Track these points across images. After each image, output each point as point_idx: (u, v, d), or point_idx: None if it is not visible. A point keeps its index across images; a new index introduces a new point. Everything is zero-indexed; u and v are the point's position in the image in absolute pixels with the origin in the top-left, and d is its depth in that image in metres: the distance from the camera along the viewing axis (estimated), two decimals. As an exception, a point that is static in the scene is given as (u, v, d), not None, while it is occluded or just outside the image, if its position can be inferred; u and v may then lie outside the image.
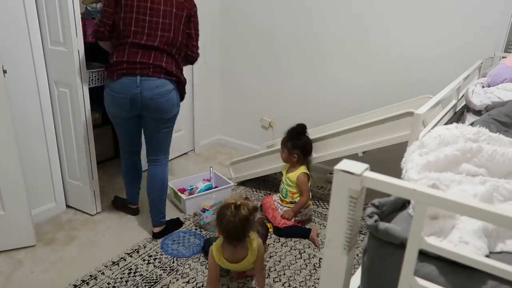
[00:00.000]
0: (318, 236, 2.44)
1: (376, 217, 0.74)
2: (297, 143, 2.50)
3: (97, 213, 2.60)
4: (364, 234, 2.43)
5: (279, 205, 2.59)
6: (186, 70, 3.32)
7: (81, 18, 2.28)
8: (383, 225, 0.73)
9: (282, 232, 2.45)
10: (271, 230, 2.50)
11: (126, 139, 2.38)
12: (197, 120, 3.55)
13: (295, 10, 3.05)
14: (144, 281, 2.05)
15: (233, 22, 3.41)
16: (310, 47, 3.07)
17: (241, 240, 1.81)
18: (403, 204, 0.88)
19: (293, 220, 2.50)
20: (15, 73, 2.15)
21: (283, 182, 2.59)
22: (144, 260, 2.20)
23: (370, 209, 0.77)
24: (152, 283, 2.03)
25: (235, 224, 1.72)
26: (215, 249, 1.85)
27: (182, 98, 2.31)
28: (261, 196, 2.86)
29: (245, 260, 1.84)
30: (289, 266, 2.21)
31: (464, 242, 0.71)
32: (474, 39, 2.45)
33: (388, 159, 1.97)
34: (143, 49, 2.07)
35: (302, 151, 2.51)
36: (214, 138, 3.83)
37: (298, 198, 2.52)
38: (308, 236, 2.43)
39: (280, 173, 2.69)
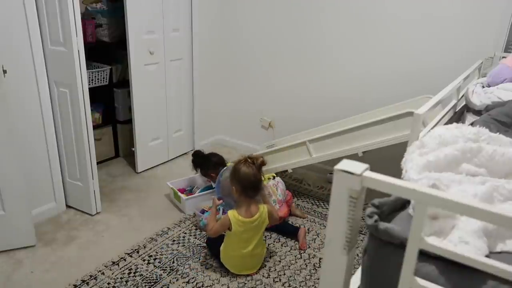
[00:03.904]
0: (306, 236, 2.43)
1: (376, 217, 0.74)
2: (214, 159, 2.68)
3: (97, 213, 2.60)
4: (364, 234, 2.43)
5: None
6: (186, 69, 3.34)
7: (81, 18, 2.28)
8: (383, 225, 0.73)
9: (271, 229, 2.46)
10: None
11: None
12: (197, 120, 3.55)
13: (294, 10, 3.05)
14: (144, 281, 2.05)
15: (232, 22, 3.41)
16: (310, 46, 3.07)
17: (259, 190, 2.04)
18: (403, 204, 0.88)
19: (277, 206, 2.46)
20: (15, 73, 2.15)
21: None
22: (144, 260, 2.20)
23: (370, 209, 0.77)
24: (152, 283, 2.03)
25: (254, 173, 1.99)
26: (233, 214, 2.03)
27: None
28: (261, 196, 2.86)
29: (258, 217, 2.03)
30: (289, 266, 2.21)
31: (464, 242, 0.71)
32: (474, 39, 2.45)
33: (388, 159, 1.97)
34: None
35: (220, 160, 2.69)
36: (214, 138, 3.83)
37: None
38: (296, 234, 2.41)
39: (281, 173, 2.70)
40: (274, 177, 2.62)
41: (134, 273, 2.10)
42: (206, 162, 2.71)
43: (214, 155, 2.75)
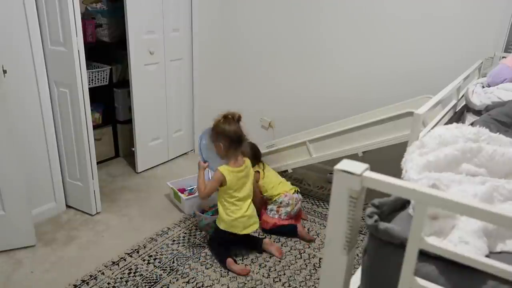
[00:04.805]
0: (305, 229, 2.49)
1: (376, 217, 0.74)
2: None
3: (97, 213, 2.60)
4: (364, 234, 2.43)
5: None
6: (186, 69, 3.34)
7: (81, 18, 2.28)
8: (383, 225, 0.73)
9: (270, 231, 2.48)
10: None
11: None
12: (197, 120, 3.55)
13: (294, 10, 3.05)
14: (144, 281, 2.05)
15: (232, 22, 3.41)
16: (310, 46, 3.06)
17: (243, 141, 2.18)
18: (403, 204, 0.88)
19: (276, 217, 2.47)
20: (15, 73, 2.15)
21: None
22: (144, 260, 2.20)
23: (370, 209, 0.77)
24: (152, 283, 2.03)
25: (236, 127, 2.14)
26: (224, 168, 2.12)
27: None
28: (261, 196, 2.86)
29: (245, 166, 2.19)
30: (289, 266, 2.21)
31: (464, 242, 0.71)
32: (474, 39, 2.45)
33: (388, 159, 1.97)
34: None
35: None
36: (214, 138, 3.82)
37: (266, 192, 2.55)
38: (296, 233, 2.44)
39: (281, 173, 2.69)
40: (298, 192, 2.60)
41: (134, 273, 2.10)
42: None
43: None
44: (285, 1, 3.07)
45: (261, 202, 2.56)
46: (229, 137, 2.13)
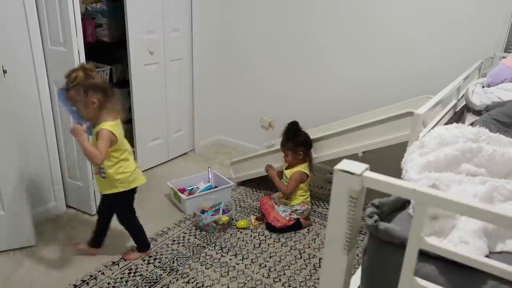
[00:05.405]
0: (308, 233, 2.50)
1: (376, 217, 0.74)
2: (298, 140, 2.52)
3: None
4: (364, 234, 2.43)
5: (276, 201, 2.62)
6: (186, 69, 3.34)
7: (81, 18, 2.28)
8: (383, 225, 0.73)
9: (276, 230, 2.50)
10: (256, 224, 2.57)
11: None
12: (197, 120, 3.55)
13: (295, 10, 3.05)
14: (144, 281, 2.05)
15: (232, 22, 3.41)
16: (310, 46, 3.07)
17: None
18: (403, 204, 0.88)
19: (287, 218, 2.50)
20: (15, 73, 2.15)
21: (283, 178, 2.63)
22: (144, 260, 2.20)
23: (370, 209, 0.77)
24: (152, 283, 2.03)
25: (101, 76, 1.89)
26: (108, 125, 1.88)
27: None
28: (261, 196, 2.86)
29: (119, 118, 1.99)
30: (289, 266, 2.21)
31: (464, 242, 0.71)
32: (474, 39, 2.45)
33: (388, 159, 1.97)
34: None
35: (305, 146, 2.53)
36: (214, 138, 3.83)
37: (295, 195, 2.54)
38: (301, 226, 2.52)
39: (281, 172, 2.70)
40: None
41: (134, 273, 2.10)
42: (300, 136, 2.55)
43: (306, 134, 2.59)
44: (285, 1, 3.07)
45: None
46: (102, 89, 1.87)
